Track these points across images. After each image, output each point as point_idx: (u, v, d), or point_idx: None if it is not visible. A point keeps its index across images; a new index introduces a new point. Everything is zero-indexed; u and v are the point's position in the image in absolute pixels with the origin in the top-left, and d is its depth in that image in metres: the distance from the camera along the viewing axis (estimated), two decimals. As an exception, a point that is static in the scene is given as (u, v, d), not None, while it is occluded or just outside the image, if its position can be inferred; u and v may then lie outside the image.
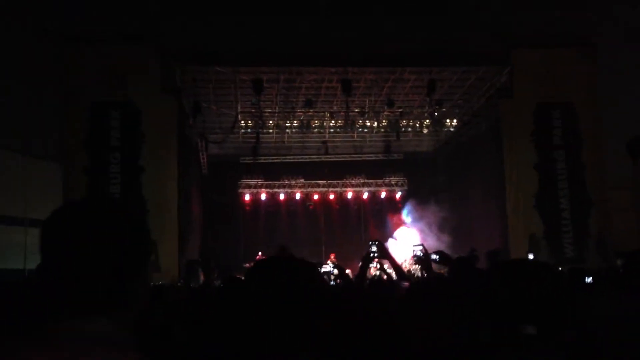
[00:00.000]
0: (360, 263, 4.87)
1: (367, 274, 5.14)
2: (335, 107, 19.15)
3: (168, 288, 6.23)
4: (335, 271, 10.13)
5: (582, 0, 15.01)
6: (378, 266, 7.55)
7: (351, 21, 15.52)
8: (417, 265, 13.72)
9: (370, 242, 4.86)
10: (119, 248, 1.28)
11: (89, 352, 1.20)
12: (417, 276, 10.03)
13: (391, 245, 18.90)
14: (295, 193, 23.13)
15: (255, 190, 22.99)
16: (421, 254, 4.70)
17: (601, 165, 16.17)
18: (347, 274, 7.41)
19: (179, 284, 10.45)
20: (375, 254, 4.79)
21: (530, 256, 12.31)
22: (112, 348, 1.22)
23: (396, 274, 4.81)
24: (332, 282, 9.42)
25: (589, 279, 5.04)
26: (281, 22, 15.72)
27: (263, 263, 1.87)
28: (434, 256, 4.64)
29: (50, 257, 1.28)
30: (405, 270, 8.87)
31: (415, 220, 21.10)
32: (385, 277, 5.60)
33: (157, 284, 9.60)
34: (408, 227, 21.41)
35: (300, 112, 19.19)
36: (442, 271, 5.29)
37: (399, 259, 7.91)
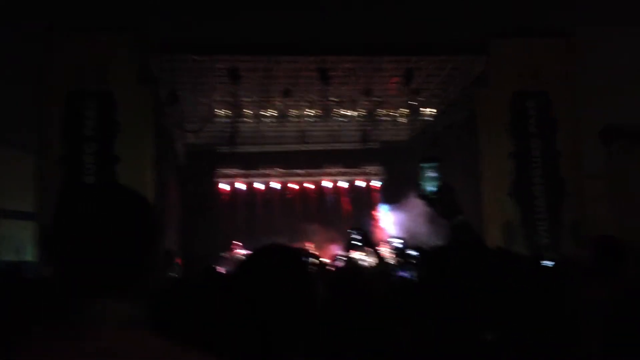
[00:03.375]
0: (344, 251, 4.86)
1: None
2: (313, 97, 19.10)
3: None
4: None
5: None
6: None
7: (329, 10, 15.51)
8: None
9: (349, 230, 4.82)
10: (131, 232, 1.33)
11: (113, 333, 1.25)
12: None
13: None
14: (272, 182, 23.08)
15: (232, 180, 22.89)
16: (401, 246, 4.73)
17: (576, 154, 16.36)
18: (322, 263, 7.39)
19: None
20: (359, 243, 4.77)
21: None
22: (134, 328, 1.28)
23: (378, 262, 4.81)
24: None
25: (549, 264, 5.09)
26: (259, 11, 15.66)
27: (259, 253, 1.83)
28: (413, 252, 4.67)
29: (65, 244, 1.30)
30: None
31: (393, 210, 21.16)
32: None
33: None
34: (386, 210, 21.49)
35: (277, 101, 19.11)
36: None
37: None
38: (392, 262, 13.03)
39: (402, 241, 4.48)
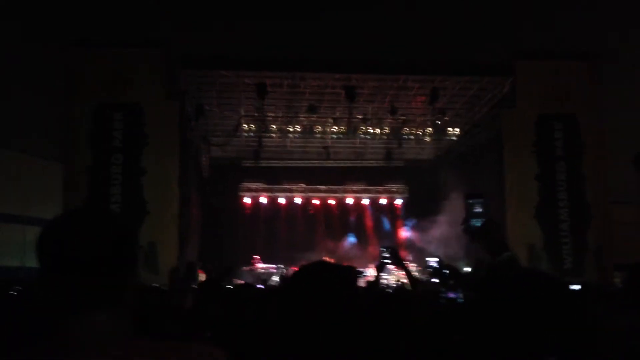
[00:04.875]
0: (375, 269, 4.80)
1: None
2: (338, 113, 19.18)
3: (171, 291, 6.24)
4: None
5: (587, 13, 15.08)
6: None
7: (356, 28, 15.60)
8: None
9: (382, 249, 4.72)
10: (114, 250, 1.40)
11: (95, 345, 1.32)
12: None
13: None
14: (295, 198, 23.13)
15: (255, 194, 23.01)
16: (437, 266, 4.68)
17: (602, 178, 16.13)
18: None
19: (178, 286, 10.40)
20: (389, 261, 4.69)
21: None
22: (116, 339, 1.35)
23: (409, 280, 4.74)
24: None
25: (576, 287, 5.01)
26: (286, 28, 15.80)
27: (307, 268, 1.85)
28: (443, 270, 4.61)
29: (53, 260, 1.37)
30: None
31: (417, 229, 21.07)
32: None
33: (154, 285, 9.53)
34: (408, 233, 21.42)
35: (303, 117, 19.21)
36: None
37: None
38: (424, 281, 12.94)
39: (437, 260, 4.45)
